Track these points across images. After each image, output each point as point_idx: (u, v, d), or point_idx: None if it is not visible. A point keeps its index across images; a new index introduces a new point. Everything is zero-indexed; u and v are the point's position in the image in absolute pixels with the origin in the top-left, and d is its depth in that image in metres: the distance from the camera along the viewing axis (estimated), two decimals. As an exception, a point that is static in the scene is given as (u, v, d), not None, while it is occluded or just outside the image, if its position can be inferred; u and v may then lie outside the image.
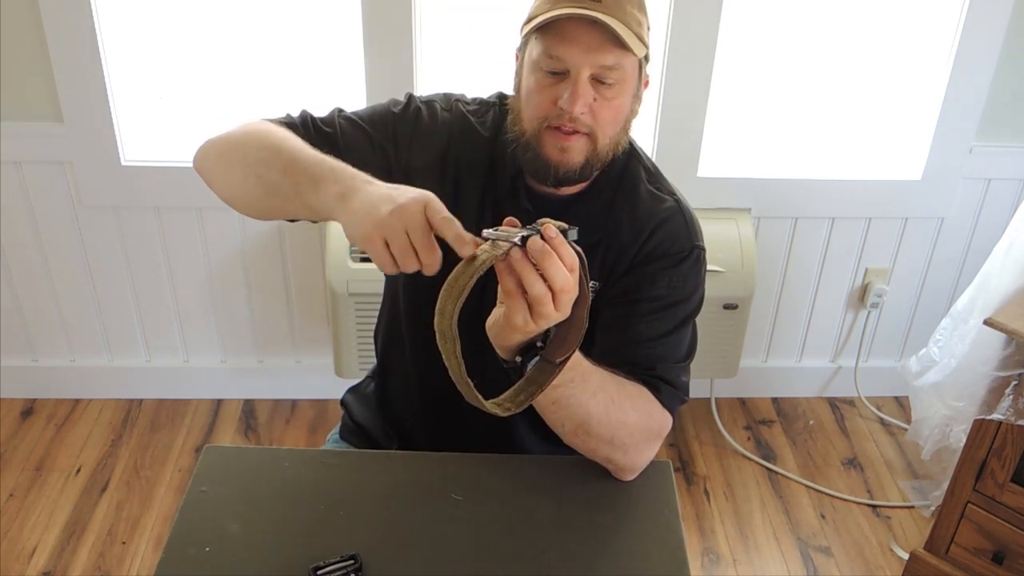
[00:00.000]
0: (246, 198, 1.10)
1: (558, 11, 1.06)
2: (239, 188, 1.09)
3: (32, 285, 2.29)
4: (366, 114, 1.22)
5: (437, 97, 1.25)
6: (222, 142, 1.13)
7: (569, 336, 0.96)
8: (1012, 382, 1.67)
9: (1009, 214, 2.18)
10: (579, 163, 1.12)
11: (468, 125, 1.23)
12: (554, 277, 0.87)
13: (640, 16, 1.10)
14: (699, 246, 1.20)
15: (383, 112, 1.22)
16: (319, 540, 1.06)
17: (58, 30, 1.95)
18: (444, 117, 1.23)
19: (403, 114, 1.22)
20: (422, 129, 1.21)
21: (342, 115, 1.21)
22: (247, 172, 1.07)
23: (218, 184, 1.14)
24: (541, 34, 1.09)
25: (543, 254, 0.86)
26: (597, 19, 1.04)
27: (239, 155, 1.09)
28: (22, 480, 2.19)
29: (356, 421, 1.43)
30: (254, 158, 1.07)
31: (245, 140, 1.10)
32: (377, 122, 1.21)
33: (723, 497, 2.23)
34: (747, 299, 2.16)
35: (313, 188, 0.99)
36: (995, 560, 1.79)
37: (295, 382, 2.48)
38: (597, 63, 1.07)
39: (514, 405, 0.98)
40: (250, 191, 1.08)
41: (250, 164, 1.07)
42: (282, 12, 2.02)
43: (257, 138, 1.09)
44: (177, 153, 2.16)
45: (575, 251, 0.89)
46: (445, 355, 0.90)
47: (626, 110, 1.14)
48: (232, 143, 1.11)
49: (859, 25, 2.09)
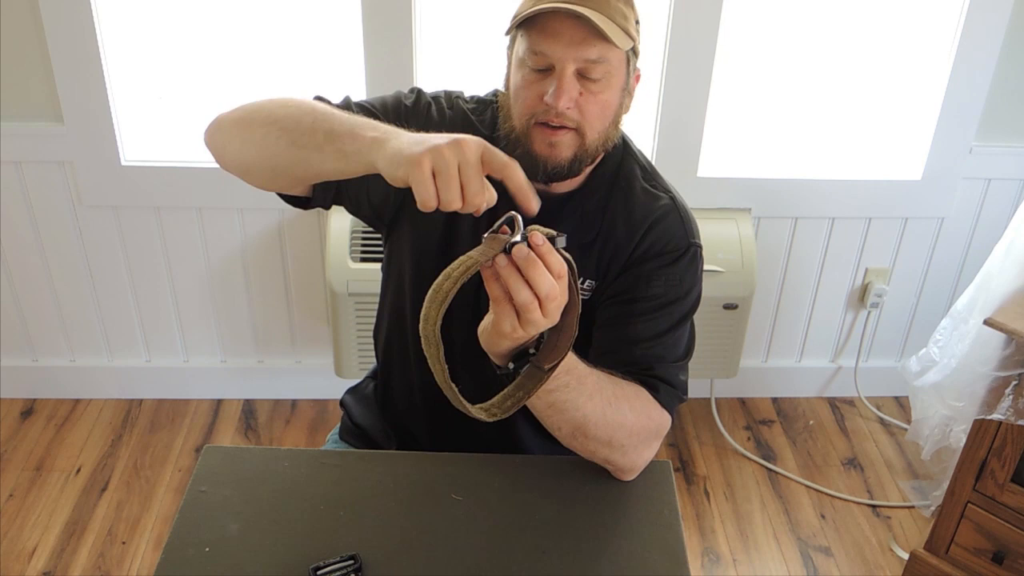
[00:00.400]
0: (265, 154, 1.05)
1: (541, 6, 1.05)
2: (258, 144, 1.05)
3: (32, 285, 2.30)
4: (377, 102, 1.21)
5: (441, 94, 1.25)
6: (241, 108, 1.09)
7: (559, 342, 0.95)
8: (1012, 382, 1.67)
9: (1009, 214, 2.18)
10: (567, 158, 1.12)
11: (469, 123, 1.23)
12: (539, 284, 0.86)
13: (626, 9, 1.10)
14: (695, 244, 1.20)
15: (394, 102, 1.22)
16: (319, 540, 1.06)
17: (58, 30, 1.95)
18: (448, 115, 1.23)
19: (415, 107, 1.21)
20: (432, 125, 1.20)
21: (355, 102, 1.20)
22: (271, 126, 1.03)
23: (233, 147, 1.09)
24: (525, 30, 1.08)
25: (528, 261, 0.86)
26: (580, 13, 1.04)
27: (263, 113, 1.05)
28: (22, 480, 2.19)
29: (355, 422, 1.43)
30: (281, 113, 1.03)
31: (268, 103, 1.07)
32: (390, 111, 1.20)
33: (723, 497, 2.23)
34: (747, 299, 2.16)
35: (349, 132, 0.95)
36: (995, 560, 1.79)
37: (295, 382, 2.48)
38: (581, 57, 1.07)
39: (501, 411, 0.97)
40: (271, 145, 1.03)
41: (276, 119, 1.03)
42: (282, 11, 2.02)
43: (282, 100, 1.06)
44: (177, 153, 2.16)
45: (564, 258, 0.88)
46: (430, 360, 0.90)
47: (614, 104, 1.13)
48: (253, 107, 1.08)
49: (859, 25, 2.09)
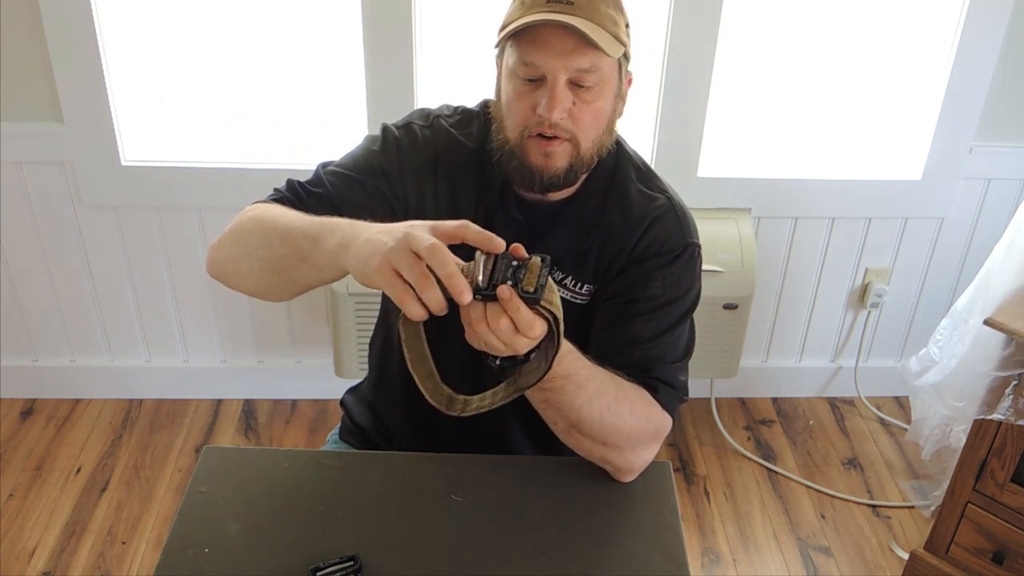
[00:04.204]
0: (261, 284, 1.09)
1: (530, 17, 1.05)
2: (251, 278, 1.09)
3: (32, 285, 2.29)
4: (350, 162, 1.20)
5: (413, 116, 1.24)
6: (222, 243, 1.13)
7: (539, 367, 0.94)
8: (1012, 382, 1.66)
9: (1009, 214, 2.18)
10: (563, 168, 1.11)
11: (452, 139, 1.21)
12: (499, 334, 0.86)
13: (616, 15, 1.09)
14: (693, 243, 1.19)
15: (365, 154, 1.21)
16: (319, 540, 1.06)
17: (58, 30, 1.95)
18: (425, 135, 1.21)
19: (384, 149, 1.20)
20: (406, 156, 1.20)
21: (327, 170, 1.19)
22: (251, 260, 1.06)
23: (234, 282, 1.13)
24: (515, 41, 1.08)
25: (492, 313, 0.85)
26: (568, 24, 1.03)
27: (240, 248, 1.09)
28: (22, 480, 2.19)
29: (356, 422, 1.43)
30: (253, 244, 1.06)
31: (241, 232, 1.10)
32: (363, 167, 1.19)
33: (723, 497, 2.23)
34: (747, 299, 2.16)
35: (314, 247, 0.97)
36: (995, 560, 1.79)
37: (295, 382, 2.48)
38: (572, 67, 1.06)
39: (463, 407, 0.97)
40: (260, 276, 1.07)
41: (251, 251, 1.06)
42: (282, 11, 2.02)
43: (251, 225, 1.08)
44: (177, 153, 2.16)
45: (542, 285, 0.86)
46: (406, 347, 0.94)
47: (607, 111, 1.13)
48: (231, 240, 1.11)
49: (859, 25, 2.09)
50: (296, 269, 1.01)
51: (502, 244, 0.86)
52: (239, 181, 2.13)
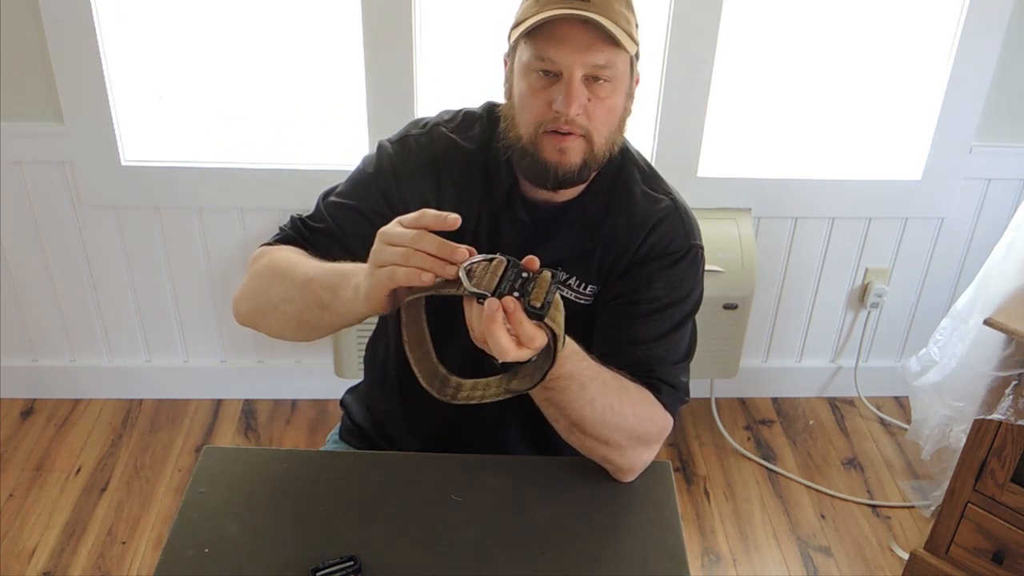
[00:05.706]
0: (291, 333, 1.14)
1: (548, 13, 1.05)
2: (281, 328, 1.14)
3: (32, 285, 2.29)
4: (347, 188, 1.22)
5: (409, 127, 1.24)
6: (244, 296, 1.17)
7: (534, 373, 0.94)
8: (1012, 382, 1.67)
9: (1009, 214, 2.18)
10: (577, 164, 1.12)
11: (452, 143, 1.21)
12: (497, 344, 0.86)
13: (628, 14, 1.10)
14: (696, 245, 1.20)
15: (361, 178, 1.22)
16: (319, 541, 1.06)
17: (58, 30, 1.95)
18: (422, 141, 1.22)
19: (379, 169, 1.21)
20: (403, 170, 1.20)
21: (327, 202, 1.22)
22: (276, 313, 1.12)
23: (265, 332, 1.18)
24: (531, 38, 1.08)
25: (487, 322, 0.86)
26: (588, 18, 1.04)
27: (263, 300, 1.14)
28: (22, 480, 2.19)
29: (356, 422, 1.43)
30: (276, 298, 1.11)
31: (259, 283, 1.15)
32: (362, 192, 1.21)
33: (723, 497, 2.23)
34: (747, 299, 2.16)
35: (334, 297, 1.02)
36: (995, 560, 1.79)
37: (295, 382, 2.48)
38: (590, 63, 1.06)
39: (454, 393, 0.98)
40: (287, 327, 1.13)
41: (275, 304, 1.11)
42: (282, 11, 2.02)
43: (268, 275, 1.14)
44: (177, 153, 2.16)
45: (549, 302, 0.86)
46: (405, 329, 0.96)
47: (620, 109, 1.13)
48: (252, 293, 1.16)
49: (859, 25, 2.09)
50: (321, 318, 1.07)
51: (456, 221, 0.90)
52: (239, 181, 2.14)
